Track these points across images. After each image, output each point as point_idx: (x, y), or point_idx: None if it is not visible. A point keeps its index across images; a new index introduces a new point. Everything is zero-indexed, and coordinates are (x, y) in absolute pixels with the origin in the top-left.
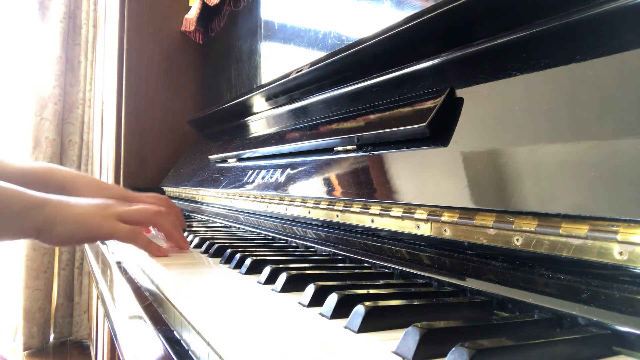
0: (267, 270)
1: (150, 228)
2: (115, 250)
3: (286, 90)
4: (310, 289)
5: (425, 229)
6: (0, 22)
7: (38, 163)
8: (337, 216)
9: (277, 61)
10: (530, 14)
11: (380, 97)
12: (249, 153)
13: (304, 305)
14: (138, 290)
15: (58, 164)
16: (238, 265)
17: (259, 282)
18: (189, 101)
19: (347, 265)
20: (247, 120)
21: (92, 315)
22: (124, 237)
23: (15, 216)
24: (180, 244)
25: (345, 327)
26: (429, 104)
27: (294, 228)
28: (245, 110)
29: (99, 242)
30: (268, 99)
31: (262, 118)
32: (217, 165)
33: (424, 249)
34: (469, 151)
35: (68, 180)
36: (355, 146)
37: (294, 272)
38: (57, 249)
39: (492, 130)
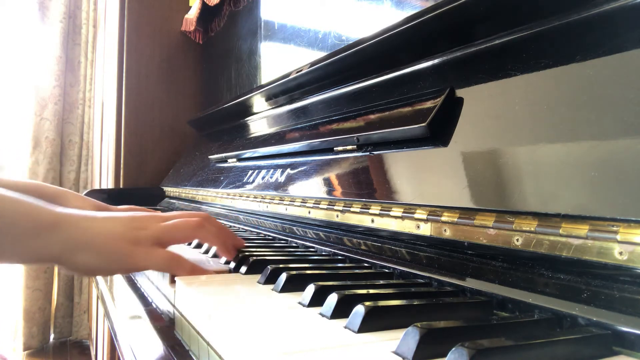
0: (267, 270)
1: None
2: None
3: (286, 90)
4: (311, 289)
5: (425, 229)
6: (1, 22)
7: (26, 179)
8: (337, 216)
9: (277, 61)
10: (530, 14)
11: (380, 97)
12: (249, 153)
13: (304, 305)
14: (138, 290)
15: (58, 164)
16: (238, 266)
17: (259, 282)
18: (189, 101)
19: (347, 265)
20: (247, 120)
21: (92, 315)
22: (164, 267)
23: (24, 239)
24: (227, 256)
25: (345, 327)
26: (429, 104)
27: (294, 228)
28: (245, 110)
29: None
30: (268, 99)
31: (262, 118)
32: (217, 165)
33: (424, 249)
34: (469, 151)
35: (59, 195)
36: (355, 146)
37: (294, 272)
38: None
39: (492, 130)
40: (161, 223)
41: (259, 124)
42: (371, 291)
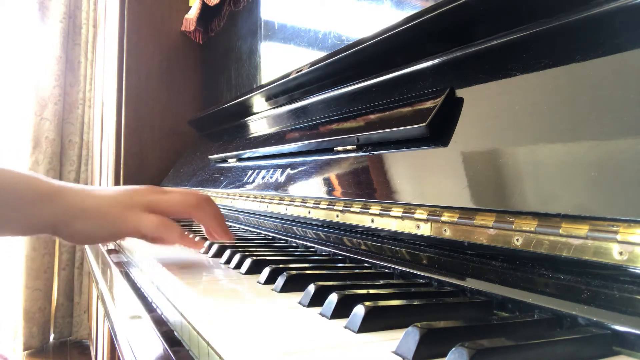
0: (267, 270)
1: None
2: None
3: (286, 90)
4: (311, 289)
5: (425, 229)
6: (1, 22)
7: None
8: (337, 216)
9: (277, 61)
10: (530, 14)
11: (380, 97)
12: (249, 153)
13: (304, 305)
14: (138, 291)
15: (58, 164)
16: (238, 265)
17: (258, 282)
18: (189, 101)
19: (347, 265)
20: (247, 120)
21: (92, 315)
22: (152, 229)
23: (24, 208)
24: (224, 237)
25: (346, 327)
26: (429, 104)
27: (294, 228)
28: (245, 110)
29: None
30: (268, 99)
31: (262, 118)
32: (217, 165)
33: (424, 249)
34: (469, 151)
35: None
36: (355, 146)
37: (294, 272)
38: (57, 249)
39: (492, 130)
40: (159, 194)
41: (259, 123)
42: (371, 291)
